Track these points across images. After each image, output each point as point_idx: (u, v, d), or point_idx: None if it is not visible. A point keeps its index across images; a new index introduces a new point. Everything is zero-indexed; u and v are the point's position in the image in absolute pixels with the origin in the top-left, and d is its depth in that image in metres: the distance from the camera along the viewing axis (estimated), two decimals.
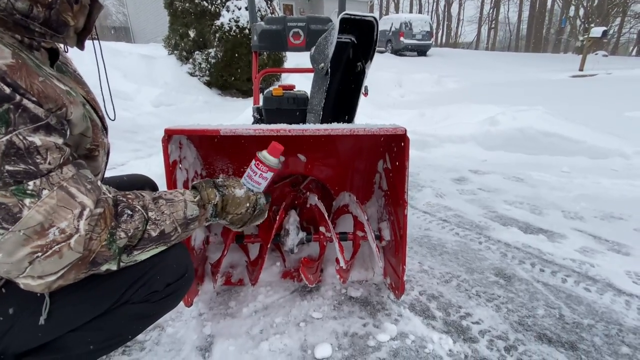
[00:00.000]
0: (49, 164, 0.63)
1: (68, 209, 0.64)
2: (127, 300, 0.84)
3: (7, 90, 0.58)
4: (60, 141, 0.66)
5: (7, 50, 0.61)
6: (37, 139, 0.61)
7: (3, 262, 0.61)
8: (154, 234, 0.76)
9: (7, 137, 0.58)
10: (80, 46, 0.82)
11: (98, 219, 0.67)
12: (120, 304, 0.84)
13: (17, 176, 0.59)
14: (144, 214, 0.75)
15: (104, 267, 0.72)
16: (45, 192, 0.62)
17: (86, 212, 0.65)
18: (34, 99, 0.61)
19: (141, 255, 0.77)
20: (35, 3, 0.66)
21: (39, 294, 0.74)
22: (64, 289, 0.77)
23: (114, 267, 0.74)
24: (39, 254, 0.61)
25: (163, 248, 0.81)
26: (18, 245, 0.60)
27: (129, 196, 0.76)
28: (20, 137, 0.59)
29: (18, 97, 0.59)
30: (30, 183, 0.61)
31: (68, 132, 0.69)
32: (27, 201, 0.60)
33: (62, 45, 0.84)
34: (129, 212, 0.73)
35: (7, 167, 0.58)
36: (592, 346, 1.24)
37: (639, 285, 1.58)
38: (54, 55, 0.80)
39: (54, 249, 0.62)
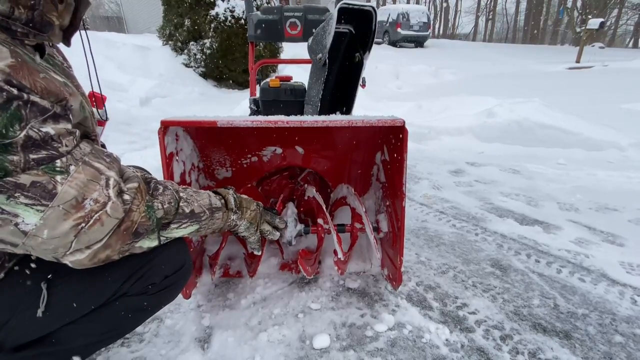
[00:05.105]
0: (66, 146, 0.67)
1: (95, 181, 0.69)
2: (125, 292, 0.84)
3: (15, 91, 0.59)
4: (69, 126, 0.69)
5: (4, 50, 0.59)
6: (50, 128, 0.64)
7: (50, 238, 0.64)
8: (187, 210, 0.87)
9: (24, 132, 0.61)
10: (67, 43, 0.78)
11: (136, 192, 0.74)
12: (118, 297, 0.84)
13: (43, 162, 0.63)
14: (174, 193, 0.85)
15: (146, 243, 0.79)
16: (72, 167, 0.66)
17: (112, 182, 0.71)
18: (38, 96, 0.63)
19: (177, 232, 0.86)
20: (17, 4, 0.62)
21: (35, 287, 0.74)
22: (62, 281, 0.76)
23: (155, 243, 0.81)
24: (83, 224, 0.66)
25: (196, 227, 0.90)
26: (60, 220, 0.64)
27: (156, 179, 0.86)
28: (35, 129, 0.62)
29: (25, 95, 0.61)
30: (58, 161, 0.65)
31: (72, 118, 0.73)
32: (58, 178, 0.64)
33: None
34: (161, 187, 0.83)
35: (31, 156, 0.62)
36: (586, 335, 1.26)
37: (632, 275, 1.60)
38: (40, 51, 0.75)
39: (94, 217, 0.67)
